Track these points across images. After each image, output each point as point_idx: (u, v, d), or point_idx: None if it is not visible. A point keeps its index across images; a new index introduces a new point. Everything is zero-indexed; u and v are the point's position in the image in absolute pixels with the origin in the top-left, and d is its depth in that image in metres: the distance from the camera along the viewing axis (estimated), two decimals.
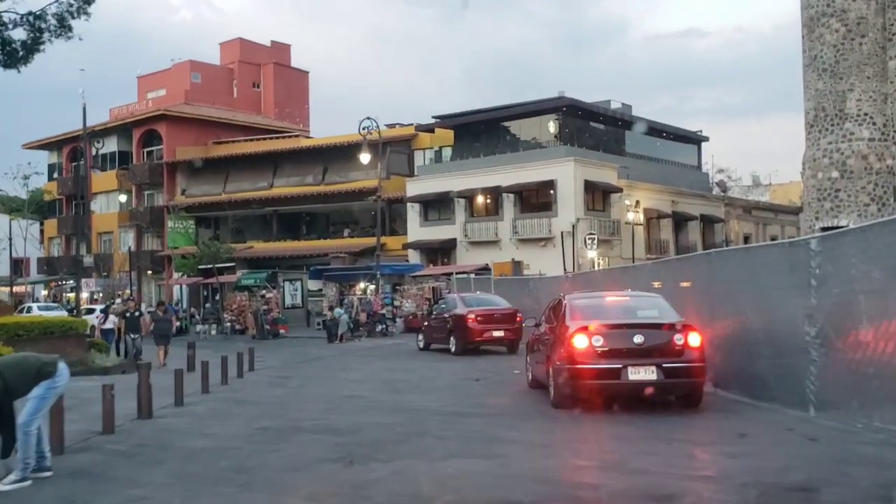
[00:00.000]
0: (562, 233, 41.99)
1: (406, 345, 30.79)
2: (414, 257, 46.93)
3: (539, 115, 45.27)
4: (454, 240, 46.20)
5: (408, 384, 18.30)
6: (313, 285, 44.25)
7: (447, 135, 49.76)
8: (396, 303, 36.57)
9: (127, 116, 62.74)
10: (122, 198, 50.74)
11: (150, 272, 61.12)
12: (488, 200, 45.87)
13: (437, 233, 46.85)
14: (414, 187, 48.39)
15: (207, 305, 44.25)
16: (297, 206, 55.53)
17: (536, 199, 44.54)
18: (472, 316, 24.64)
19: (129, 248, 53.93)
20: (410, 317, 37.43)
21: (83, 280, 50.96)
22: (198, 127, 61.35)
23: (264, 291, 41.80)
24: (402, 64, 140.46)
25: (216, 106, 63.63)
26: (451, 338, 25.27)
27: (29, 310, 44.95)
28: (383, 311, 35.58)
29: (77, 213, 68.01)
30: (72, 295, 55.81)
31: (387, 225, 53.14)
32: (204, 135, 61.47)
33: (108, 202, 64.12)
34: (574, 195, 42.32)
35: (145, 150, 63.01)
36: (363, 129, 35.94)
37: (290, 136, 59.36)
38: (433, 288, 37.06)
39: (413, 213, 48.68)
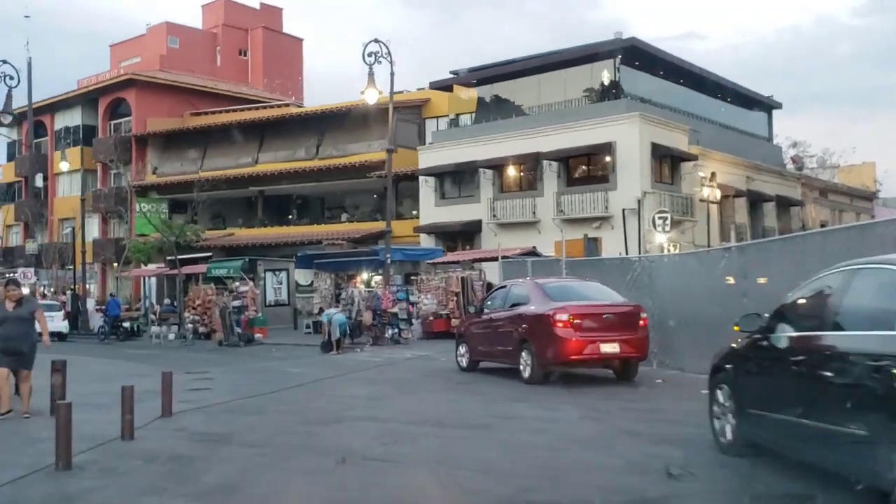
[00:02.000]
0: (623, 210, 30.71)
1: (431, 359, 19.49)
2: (427, 244, 35.57)
3: (589, 61, 33.98)
4: (479, 222, 34.91)
5: (502, 484, 7.00)
6: (302, 277, 32.80)
7: (468, 97, 38.39)
8: (413, 298, 25.14)
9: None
10: (65, 164, 38.88)
11: (115, 264, 49.41)
12: (523, 171, 34.54)
13: (457, 213, 35.52)
14: (428, 157, 37.05)
15: (166, 301, 32.90)
16: (286, 184, 44.08)
17: (588, 167, 33.29)
18: (566, 317, 13.36)
19: (72, 230, 42.23)
20: (431, 318, 26.08)
21: (21, 271, 39.50)
22: (173, 96, 49.91)
23: (237, 283, 30.42)
24: (409, 28, 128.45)
25: (196, 74, 52.24)
26: (523, 353, 14.01)
27: None
28: (395, 310, 24.20)
29: (39, 197, 56.66)
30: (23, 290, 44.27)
31: (392, 206, 41.80)
32: (179, 105, 50.02)
33: (72, 184, 52.48)
34: (639, 162, 31.06)
35: (112, 122, 51.54)
36: (368, 55, 24.51)
37: (279, 106, 47.93)
38: (462, 278, 25.67)
39: (426, 189, 37.32)
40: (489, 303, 16.04)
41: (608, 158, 31.80)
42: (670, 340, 15.22)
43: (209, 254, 41.14)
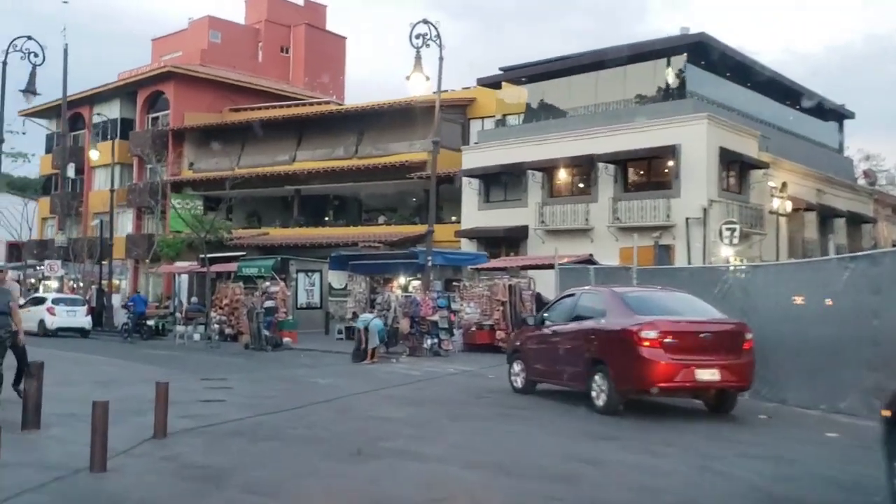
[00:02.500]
0: (687, 220, 27.92)
1: (477, 376, 16.93)
2: (469, 249, 32.98)
3: (652, 58, 31.20)
4: (525, 227, 32.26)
5: None
6: (336, 279, 30.36)
7: (517, 96, 35.80)
8: (455, 306, 22.54)
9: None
10: (94, 153, 36.58)
11: (148, 260, 47.34)
12: (576, 175, 31.87)
13: (502, 218, 32.92)
14: (472, 158, 34.53)
15: (193, 300, 30.66)
16: (323, 183, 41.74)
17: (648, 172, 30.54)
18: (654, 334, 10.76)
19: (101, 222, 40.22)
20: (474, 328, 23.50)
21: (48, 263, 37.70)
22: (212, 91, 47.91)
23: (268, 283, 28.09)
24: (453, 39, 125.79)
25: (236, 70, 50.25)
26: (596, 377, 11.40)
27: None
28: (435, 318, 21.64)
29: (74, 190, 55.00)
30: (50, 283, 42.52)
31: (430, 214, 39.32)
32: (219, 100, 48.03)
33: (108, 177, 50.54)
34: (706, 168, 28.25)
35: (150, 115, 49.66)
36: (416, 38, 22.04)
37: (318, 104, 45.69)
38: (510, 286, 23.04)
39: (470, 191, 34.78)
40: (551, 314, 13.41)
41: (671, 163, 29.02)
42: (769, 366, 12.50)
43: (243, 253, 38.96)
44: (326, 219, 45.08)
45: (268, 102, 47.97)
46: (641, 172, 30.70)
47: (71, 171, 39.69)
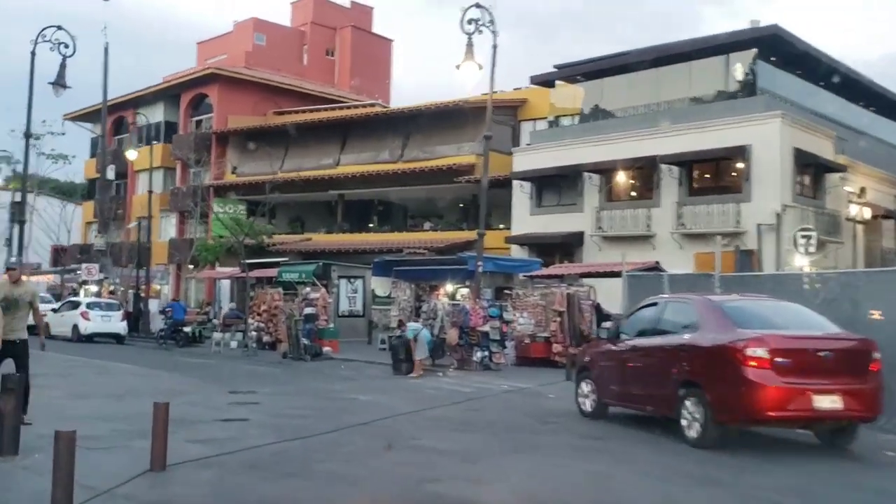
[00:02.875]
0: (759, 226, 25.68)
1: (535, 395, 15.02)
2: (519, 257, 31.03)
3: (720, 52, 29.02)
4: (581, 234, 30.25)
5: None
6: (380, 286, 28.58)
7: (571, 94, 33.82)
8: (507, 315, 20.59)
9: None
10: (132, 153, 35.08)
11: (191, 266, 46.15)
12: (637, 178, 29.78)
13: (556, 223, 30.93)
14: (524, 160, 32.62)
15: (231, 306, 29.18)
16: (368, 188, 40.13)
17: (716, 175, 28.37)
18: (763, 352, 8.78)
19: (139, 224, 38.95)
20: (527, 341, 21.54)
21: (85, 266, 36.62)
22: (256, 93, 46.70)
23: (308, 289, 26.48)
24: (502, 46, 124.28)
25: (281, 73, 48.99)
26: (687, 402, 9.45)
27: None
28: (486, 329, 19.72)
29: (117, 194, 54.22)
30: (90, 287, 41.45)
31: (484, 207, 37.50)
32: (263, 103, 46.80)
33: (152, 182, 49.60)
34: (779, 170, 26.02)
35: (194, 119, 48.64)
36: (468, 23, 20.23)
37: (363, 106, 44.15)
38: (568, 295, 21.03)
39: (521, 195, 32.85)
40: (628, 326, 11.46)
41: (741, 165, 26.83)
42: (887, 391, 10.40)
43: (285, 258, 37.50)
44: (371, 225, 43.48)
45: (312, 105, 46.59)
46: (708, 175, 28.52)
47: (110, 173, 38.63)
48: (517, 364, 20.97)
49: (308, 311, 25.15)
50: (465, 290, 25.09)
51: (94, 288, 37.20)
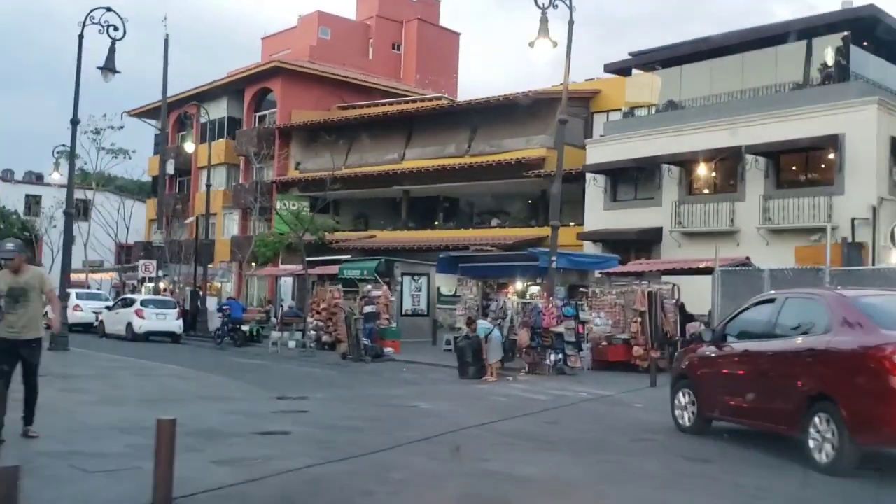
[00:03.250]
0: (853, 221, 23.41)
1: (619, 404, 13.32)
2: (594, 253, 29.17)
3: (809, 36, 26.78)
4: (659, 229, 28.30)
5: None
6: (445, 283, 27.04)
7: (648, 83, 31.84)
8: (584, 315, 18.85)
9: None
10: (190, 145, 33.71)
11: (252, 263, 45.36)
12: (720, 170, 27.70)
13: (631, 219, 29.01)
14: (598, 152, 30.74)
15: (290, 304, 28.08)
16: (433, 183, 38.68)
17: (806, 166, 26.17)
18: None
19: (196, 219, 38.10)
20: (604, 343, 19.78)
21: (142, 263, 36.02)
22: (320, 88, 45.76)
23: (369, 287, 25.17)
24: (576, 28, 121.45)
25: (346, 67, 47.94)
26: (816, 419, 7.67)
27: None
28: (560, 329, 18.02)
29: (181, 191, 53.98)
30: (149, 284, 40.94)
31: (557, 200, 35.71)
32: (327, 98, 45.83)
33: (215, 178, 49.11)
34: (875, 161, 23.74)
35: (257, 114, 47.90)
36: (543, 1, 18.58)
37: (429, 100, 42.72)
38: (650, 293, 19.21)
39: (594, 189, 30.99)
40: (735, 327, 9.69)
41: (832, 155, 24.58)
42: None
43: (347, 256, 36.35)
44: (436, 222, 42.04)
45: (377, 100, 45.44)
46: (797, 166, 26.31)
47: (170, 168, 37.86)
48: (593, 368, 19.24)
49: (369, 309, 23.85)
50: (535, 289, 23.49)
51: (155, 285, 36.52)
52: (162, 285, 39.73)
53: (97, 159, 41.45)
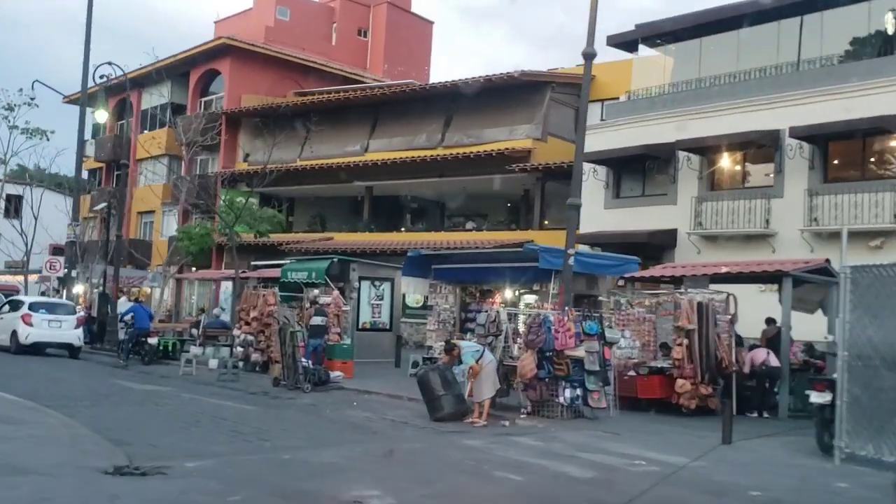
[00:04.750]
0: None
1: (705, 482, 7.50)
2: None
3: (860, 0, 21.61)
4: (673, 232, 22.87)
5: None
6: (412, 289, 20.92)
7: (659, 61, 26.51)
8: (611, 335, 13.14)
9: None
10: (102, 113, 26.98)
11: (194, 268, 39.15)
12: (750, 159, 22.32)
13: (640, 218, 23.50)
14: (598, 141, 25.15)
15: (214, 312, 22.18)
16: (400, 179, 32.93)
17: (863, 154, 20.82)
18: None
19: (108, 205, 31.61)
20: (632, 372, 14.07)
21: (48, 260, 30.01)
22: (275, 71, 39.97)
23: (317, 292, 19.37)
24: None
25: (305, 52, 42.12)
26: None
27: None
28: (580, 353, 12.32)
29: (117, 185, 47.54)
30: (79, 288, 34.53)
31: (535, 212, 30.21)
32: (282, 82, 40.04)
33: (156, 171, 42.95)
34: None
35: (203, 100, 41.89)
36: None
37: (398, 86, 36.97)
38: (699, 305, 13.56)
39: (594, 184, 25.40)
40: None
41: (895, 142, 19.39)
42: None
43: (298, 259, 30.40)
44: (403, 226, 36.27)
45: (339, 86, 39.73)
46: (851, 155, 20.99)
47: (91, 150, 31.26)
48: (622, 407, 13.57)
49: (316, 321, 18.04)
50: (530, 298, 17.83)
51: (65, 288, 30.08)
52: (81, 289, 33.44)
53: (10, 140, 34.94)
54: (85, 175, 51.97)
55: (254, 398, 14.57)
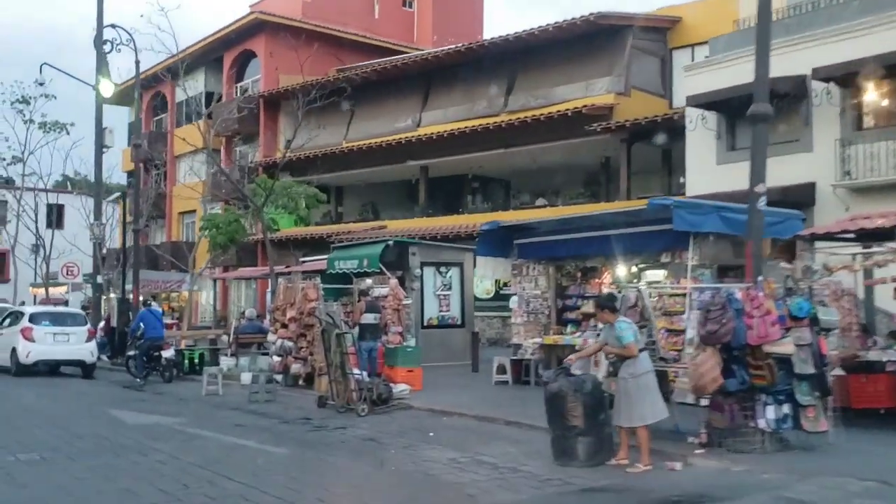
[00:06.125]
0: None
1: None
2: None
3: None
4: (811, 186, 17.93)
5: None
6: (491, 271, 16.14)
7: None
8: (826, 316, 8.47)
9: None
10: (106, 88, 22.59)
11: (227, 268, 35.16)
12: None
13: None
14: (700, 82, 20.24)
15: (248, 313, 17.92)
16: (458, 154, 28.35)
17: None
18: None
19: (122, 195, 27.53)
20: (837, 371, 9.27)
21: (65, 265, 26.24)
22: (313, 48, 35.50)
23: (369, 282, 14.97)
24: None
25: (347, 28, 37.87)
26: None
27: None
28: (788, 348, 7.63)
29: (158, 185, 43.89)
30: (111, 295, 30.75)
31: (621, 181, 25.29)
32: (322, 61, 35.53)
33: (194, 167, 39.07)
34: None
35: (239, 85, 37.93)
36: None
37: (451, 49, 32.34)
38: None
39: (701, 136, 20.52)
40: None
41: None
42: None
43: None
44: (462, 207, 31.66)
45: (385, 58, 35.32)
46: None
47: (109, 139, 27.01)
48: (839, 427, 8.78)
49: (367, 318, 13.63)
50: (656, 273, 13.08)
51: (95, 295, 26.16)
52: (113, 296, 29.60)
53: (27, 136, 31.33)
54: (123, 178, 48.78)
55: (288, 430, 10.15)
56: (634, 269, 13.07)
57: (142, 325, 15.97)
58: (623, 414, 7.64)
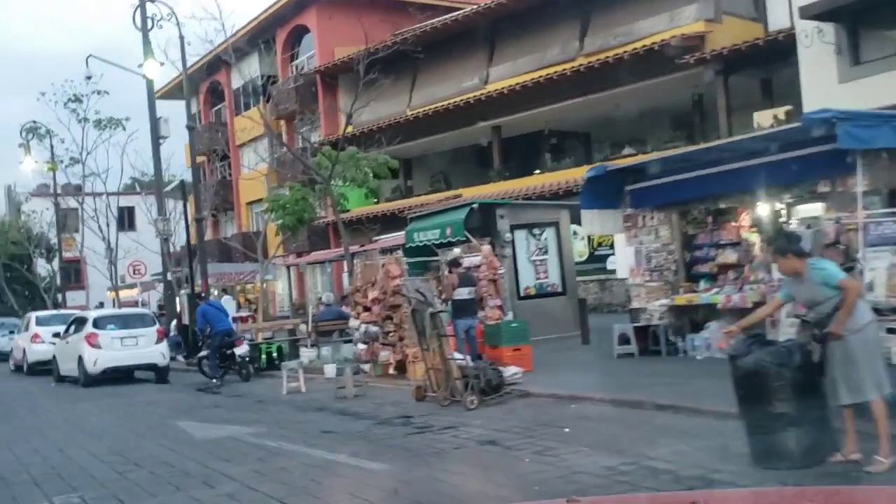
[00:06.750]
0: None
1: None
2: None
3: None
4: None
5: None
6: (598, 229, 13.85)
7: None
8: None
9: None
10: (151, 65, 20.67)
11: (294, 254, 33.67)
12: None
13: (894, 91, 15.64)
14: None
15: (325, 298, 16.11)
16: (532, 108, 26.00)
17: None
18: None
19: (182, 182, 26.04)
20: None
21: (130, 264, 24.95)
22: (368, 15, 33.18)
23: (457, 250, 12.96)
24: None
25: None
26: None
27: None
28: None
29: (223, 178, 42.77)
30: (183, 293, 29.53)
31: (719, 118, 22.61)
32: (377, 28, 33.34)
33: (258, 154, 37.58)
34: None
35: (294, 63, 36.19)
36: None
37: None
38: None
39: (819, 52, 17.70)
40: None
41: None
42: None
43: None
44: (538, 169, 29.29)
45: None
46: None
47: (165, 129, 25.55)
48: None
49: (461, 293, 11.62)
50: (811, 208, 10.69)
51: (168, 293, 24.83)
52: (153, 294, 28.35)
53: (83, 136, 30.20)
54: (188, 174, 47.80)
55: (386, 435, 8.21)
56: (781, 205, 10.67)
57: (206, 320, 14.28)
58: (844, 387, 5.45)
